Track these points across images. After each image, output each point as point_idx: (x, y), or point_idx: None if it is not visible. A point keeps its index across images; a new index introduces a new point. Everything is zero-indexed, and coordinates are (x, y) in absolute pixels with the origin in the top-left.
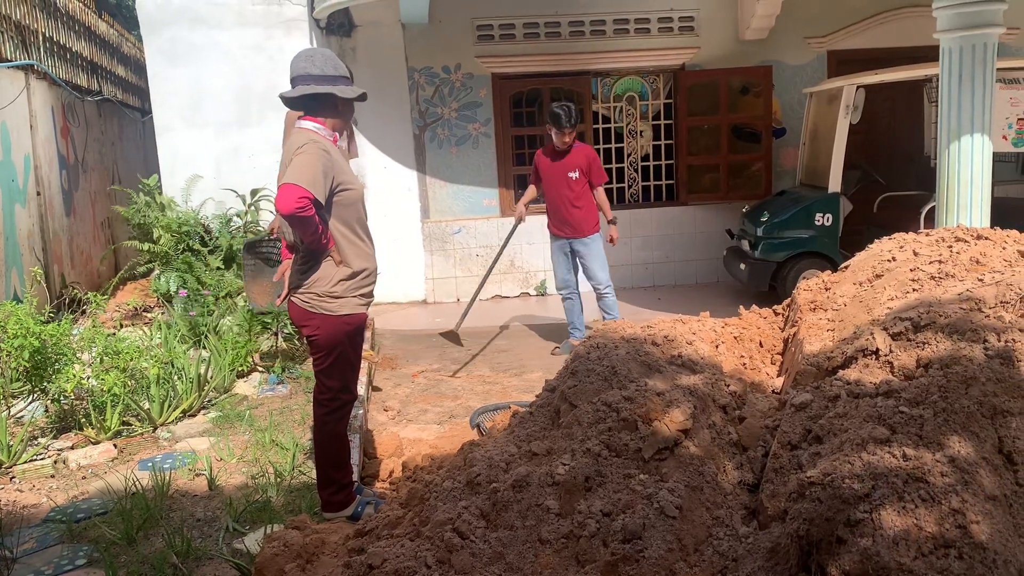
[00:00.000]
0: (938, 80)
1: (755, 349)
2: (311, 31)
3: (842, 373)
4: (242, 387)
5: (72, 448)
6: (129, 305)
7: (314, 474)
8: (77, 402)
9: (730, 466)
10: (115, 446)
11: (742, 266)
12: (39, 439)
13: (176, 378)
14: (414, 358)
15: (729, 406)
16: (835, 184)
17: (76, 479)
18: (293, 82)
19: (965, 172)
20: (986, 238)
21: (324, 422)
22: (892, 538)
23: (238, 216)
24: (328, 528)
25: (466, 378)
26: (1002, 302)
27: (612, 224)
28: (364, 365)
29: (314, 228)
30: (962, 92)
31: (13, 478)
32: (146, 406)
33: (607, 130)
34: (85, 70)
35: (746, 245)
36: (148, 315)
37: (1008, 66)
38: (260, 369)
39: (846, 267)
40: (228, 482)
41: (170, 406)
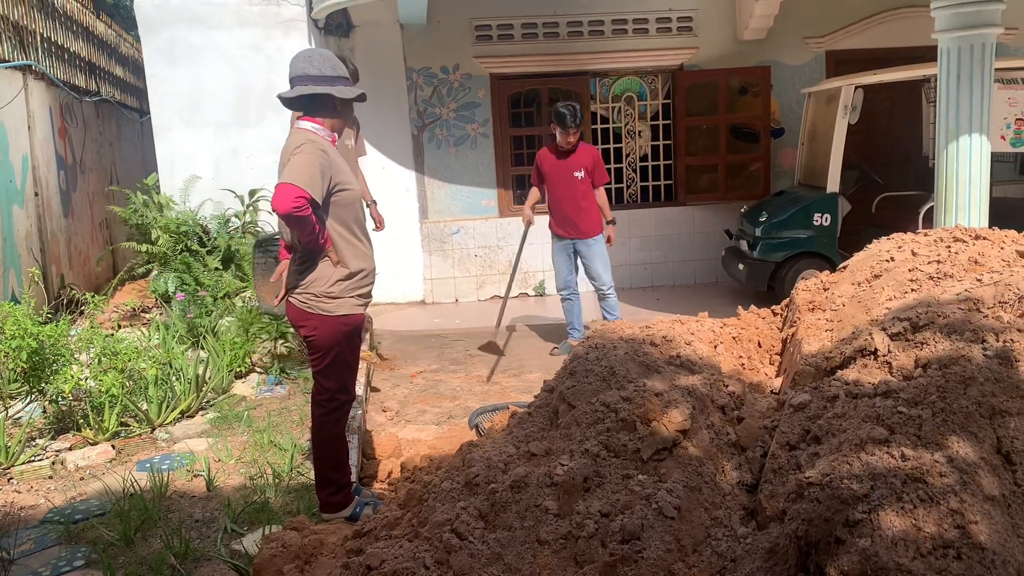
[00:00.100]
0: (936, 80)
1: (753, 349)
2: (309, 31)
3: (841, 373)
4: (240, 388)
5: (70, 449)
6: (127, 306)
7: (312, 475)
8: (75, 403)
9: (729, 466)
10: (113, 447)
11: (740, 266)
12: (37, 440)
13: (174, 379)
14: (412, 359)
15: (728, 406)
16: (833, 184)
17: (74, 480)
18: (291, 83)
19: (963, 172)
20: (984, 238)
21: (322, 423)
22: (891, 538)
23: (236, 217)
24: (326, 529)
25: (465, 378)
26: (1000, 302)
27: (611, 225)
28: (362, 365)
29: (311, 228)
30: (960, 92)
31: (11, 479)
32: (144, 407)
33: (605, 130)
34: (83, 70)
35: (744, 245)
36: (146, 316)
37: (1006, 66)
38: (258, 370)
39: (844, 267)
40: (226, 483)
41: (168, 407)
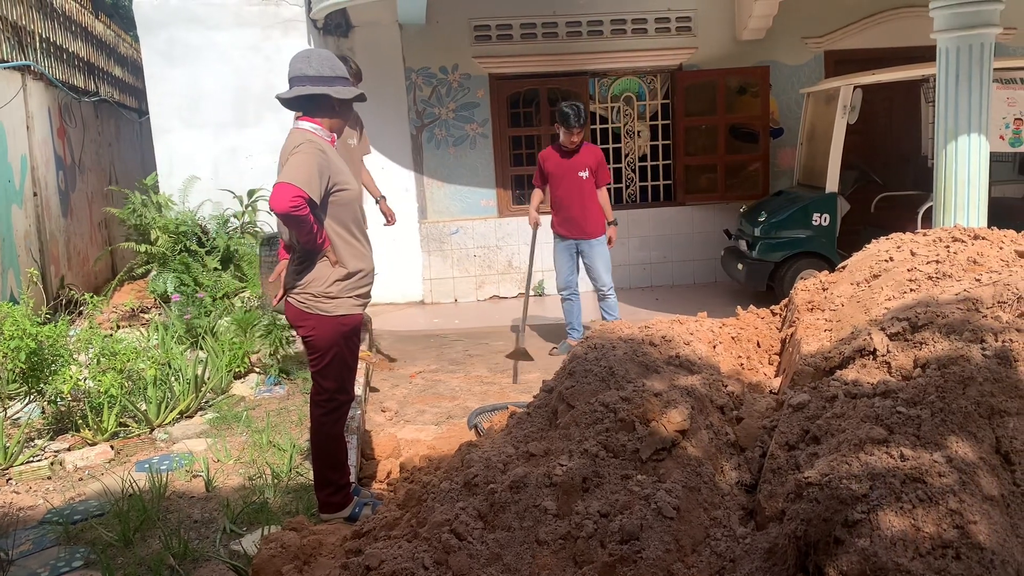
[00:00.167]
0: (935, 80)
1: (753, 349)
2: (308, 32)
3: (840, 373)
4: (239, 388)
5: (69, 450)
6: (126, 306)
7: (311, 475)
8: (74, 403)
9: (728, 467)
10: (112, 447)
11: (740, 266)
12: (36, 441)
13: (173, 379)
14: (412, 359)
15: (727, 406)
16: (832, 184)
17: (73, 481)
18: (290, 83)
19: (962, 172)
20: (983, 238)
21: (321, 423)
22: (890, 539)
23: (235, 217)
24: (325, 529)
25: (464, 378)
26: (999, 302)
27: (612, 225)
28: (361, 366)
29: (308, 228)
30: (959, 92)
31: (10, 480)
32: (143, 407)
33: (604, 130)
34: (82, 71)
35: (744, 245)
36: (145, 316)
37: (1005, 66)
38: (257, 370)
39: (843, 267)
40: (225, 483)
41: (167, 407)
